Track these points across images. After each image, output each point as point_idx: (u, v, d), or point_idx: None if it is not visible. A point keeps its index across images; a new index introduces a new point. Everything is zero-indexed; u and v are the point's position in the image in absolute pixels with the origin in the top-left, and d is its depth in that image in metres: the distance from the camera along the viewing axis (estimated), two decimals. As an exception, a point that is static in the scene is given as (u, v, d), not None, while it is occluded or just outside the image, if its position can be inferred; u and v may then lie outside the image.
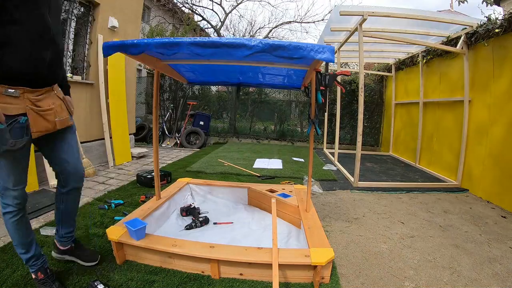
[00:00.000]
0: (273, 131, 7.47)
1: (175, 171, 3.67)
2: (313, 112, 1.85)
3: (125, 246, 1.55)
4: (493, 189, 2.91)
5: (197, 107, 7.01)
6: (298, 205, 2.06)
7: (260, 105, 7.63)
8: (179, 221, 2.13)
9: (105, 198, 2.51)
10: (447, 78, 3.95)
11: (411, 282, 1.49)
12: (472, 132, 3.35)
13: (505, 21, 2.83)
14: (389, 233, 2.09)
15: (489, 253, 1.82)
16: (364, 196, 3.00)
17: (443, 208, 2.67)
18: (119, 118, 4.02)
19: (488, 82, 3.11)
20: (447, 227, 2.23)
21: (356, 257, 1.74)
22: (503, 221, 2.38)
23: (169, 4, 10.24)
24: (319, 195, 2.95)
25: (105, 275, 1.40)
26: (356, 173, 3.33)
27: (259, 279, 1.42)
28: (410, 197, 3.00)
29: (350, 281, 1.49)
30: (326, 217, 2.36)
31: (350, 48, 4.66)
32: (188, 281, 1.40)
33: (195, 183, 2.61)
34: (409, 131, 5.03)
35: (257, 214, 2.29)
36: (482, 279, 1.54)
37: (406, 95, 5.27)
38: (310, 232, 1.67)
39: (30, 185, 2.51)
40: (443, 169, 3.92)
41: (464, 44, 3.40)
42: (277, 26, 10.88)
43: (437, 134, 4.14)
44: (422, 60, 4.47)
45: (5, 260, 1.48)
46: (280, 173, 3.77)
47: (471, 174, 3.31)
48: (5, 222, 1.21)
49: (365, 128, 6.53)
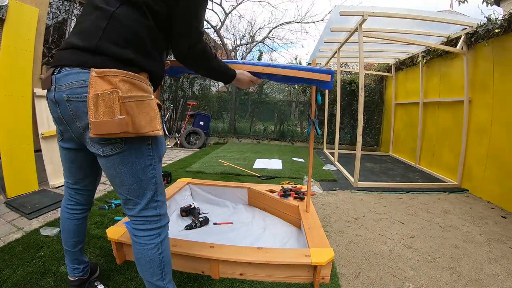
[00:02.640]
0: (273, 131, 7.47)
1: (175, 171, 3.67)
2: (313, 112, 1.85)
3: (125, 246, 1.55)
4: (493, 189, 2.91)
5: (197, 107, 7.01)
6: (298, 205, 2.06)
7: (260, 105, 7.63)
8: (179, 221, 2.13)
9: (105, 198, 2.51)
10: (447, 78, 3.96)
11: (411, 283, 1.49)
12: (472, 132, 3.35)
13: (505, 21, 2.83)
14: (389, 233, 2.09)
15: (489, 253, 1.82)
16: (364, 196, 3.00)
17: (443, 209, 2.67)
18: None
19: (488, 82, 3.11)
20: (447, 227, 2.23)
21: (356, 257, 1.74)
22: (503, 221, 2.38)
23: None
24: (319, 195, 2.95)
25: (105, 275, 1.40)
26: (356, 173, 3.33)
27: (259, 279, 1.42)
28: (410, 197, 3.00)
29: (350, 281, 1.49)
30: (326, 217, 2.36)
31: (350, 48, 4.66)
32: (188, 281, 1.40)
33: (195, 183, 2.61)
34: (409, 131, 5.03)
35: (257, 214, 2.29)
36: (482, 279, 1.54)
37: (406, 95, 5.27)
38: (310, 232, 1.67)
39: (30, 185, 2.51)
40: (443, 169, 3.92)
41: (464, 44, 3.40)
42: (277, 26, 10.88)
43: (437, 134, 4.14)
44: (422, 60, 4.47)
45: (5, 260, 1.48)
46: (280, 173, 3.77)
47: (471, 174, 3.31)
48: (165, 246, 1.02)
49: (365, 128, 6.54)
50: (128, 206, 0.97)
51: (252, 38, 11.23)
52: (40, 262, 1.46)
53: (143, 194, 0.94)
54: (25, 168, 2.48)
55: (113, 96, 0.78)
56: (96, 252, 1.61)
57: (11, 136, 2.37)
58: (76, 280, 1.24)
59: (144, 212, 0.96)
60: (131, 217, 0.98)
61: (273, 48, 17.48)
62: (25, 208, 2.11)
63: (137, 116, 0.82)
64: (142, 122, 0.83)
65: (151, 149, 0.93)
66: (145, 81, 0.89)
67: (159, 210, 0.99)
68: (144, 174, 0.92)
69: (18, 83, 2.45)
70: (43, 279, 1.33)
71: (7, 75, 2.35)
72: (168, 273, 1.04)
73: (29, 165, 2.51)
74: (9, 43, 2.35)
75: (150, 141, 0.93)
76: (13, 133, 2.39)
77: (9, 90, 2.36)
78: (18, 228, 1.87)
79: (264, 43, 11.05)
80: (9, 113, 2.36)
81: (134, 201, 0.95)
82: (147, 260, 0.98)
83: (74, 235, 1.18)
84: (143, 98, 0.85)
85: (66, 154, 1.06)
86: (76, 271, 1.23)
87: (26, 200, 2.26)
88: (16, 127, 2.43)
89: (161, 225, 1.00)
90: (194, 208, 2.22)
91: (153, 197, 0.96)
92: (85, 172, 1.11)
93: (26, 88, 2.52)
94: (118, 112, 0.79)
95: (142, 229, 0.97)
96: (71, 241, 1.18)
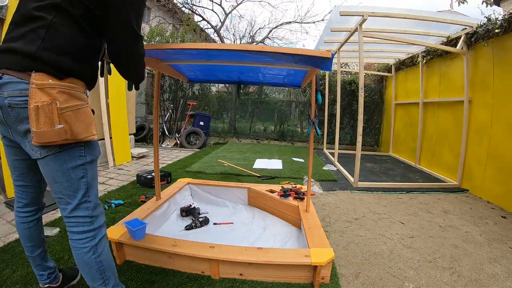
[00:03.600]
0: (273, 132, 7.47)
1: (175, 171, 3.67)
2: (313, 112, 1.85)
3: (125, 246, 1.55)
4: (493, 189, 2.91)
5: (197, 107, 7.01)
6: (298, 205, 2.06)
7: (260, 105, 7.64)
8: (179, 221, 2.13)
9: (105, 198, 2.51)
10: (447, 78, 3.96)
11: (411, 283, 1.49)
12: (472, 132, 3.35)
13: (505, 22, 2.83)
14: (389, 234, 2.09)
15: (489, 253, 1.82)
16: (364, 196, 3.00)
17: (443, 209, 2.67)
18: (119, 119, 4.02)
19: (488, 82, 3.11)
20: (447, 228, 2.23)
21: (356, 257, 1.74)
22: (503, 221, 2.38)
23: (169, 4, 10.25)
24: (319, 195, 2.95)
25: (105, 275, 1.40)
26: (356, 173, 3.33)
27: (259, 279, 1.42)
28: (410, 198, 3.00)
29: (350, 281, 1.49)
30: (326, 217, 2.36)
31: (350, 48, 4.67)
32: (188, 281, 1.40)
33: (195, 183, 2.61)
34: (409, 132, 5.03)
35: (257, 214, 2.29)
36: (482, 279, 1.54)
37: (406, 96, 5.27)
38: (310, 232, 1.67)
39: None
40: (443, 169, 3.92)
41: (464, 44, 3.40)
42: (277, 26, 10.89)
43: (437, 134, 4.14)
44: (422, 60, 4.47)
45: (5, 260, 1.48)
46: (280, 173, 3.77)
47: (471, 174, 3.31)
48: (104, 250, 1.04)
49: (365, 128, 6.54)
50: (61, 206, 0.99)
51: (252, 38, 11.24)
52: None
53: (74, 193, 0.97)
54: (25, 168, 2.47)
55: (52, 107, 0.85)
56: (96, 252, 1.61)
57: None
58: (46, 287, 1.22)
59: (75, 212, 0.98)
60: (65, 218, 1.00)
61: (273, 48, 17.40)
62: (25, 208, 2.11)
63: (75, 124, 0.90)
64: (79, 129, 0.92)
65: (83, 151, 0.98)
66: (80, 90, 0.95)
67: (91, 211, 1.00)
68: (75, 173, 0.96)
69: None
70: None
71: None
72: (111, 277, 1.05)
73: (29, 165, 2.51)
74: (9, 43, 2.35)
75: (84, 144, 0.98)
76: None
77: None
78: (18, 228, 1.87)
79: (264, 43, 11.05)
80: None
81: (66, 200, 0.97)
82: (84, 264, 0.99)
83: (28, 240, 1.16)
84: (79, 106, 0.93)
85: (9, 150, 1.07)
86: (41, 277, 1.21)
87: (26, 200, 2.26)
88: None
89: (95, 227, 1.01)
90: (194, 208, 2.22)
91: (84, 197, 0.98)
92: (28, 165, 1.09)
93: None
94: (57, 121, 0.86)
95: (75, 231, 0.99)
96: (27, 246, 1.16)
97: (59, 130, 0.87)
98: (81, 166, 0.97)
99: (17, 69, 0.86)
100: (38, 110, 0.84)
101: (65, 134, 0.88)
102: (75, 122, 0.91)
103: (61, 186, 0.96)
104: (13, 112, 0.89)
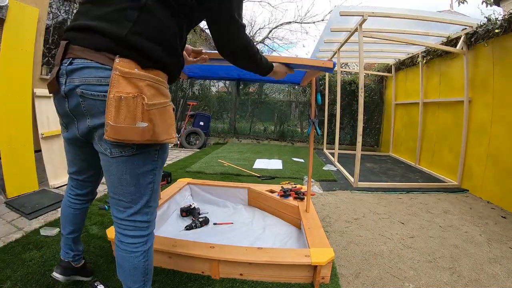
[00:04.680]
0: (273, 132, 7.47)
1: (175, 171, 3.66)
2: (313, 112, 1.85)
3: (125, 246, 1.55)
4: (493, 189, 2.91)
5: (197, 107, 7.01)
6: (298, 205, 2.06)
7: (260, 105, 7.64)
8: (179, 221, 2.13)
9: (105, 198, 2.51)
10: (447, 78, 3.96)
11: (411, 283, 1.49)
12: (472, 132, 3.35)
13: (505, 22, 2.83)
14: (389, 234, 2.09)
15: (489, 254, 1.82)
16: (364, 196, 3.00)
17: (443, 209, 2.67)
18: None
19: (488, 82, 3.11)
20: (447, 228, 2.23)
21: (356, 257, 1.73)
22: (503, 221, 2.38)
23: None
24: (319, 195, 2.95)
25: (105, 275, 1.40)
26: (356, 173, 3.33)
27: (259, 279, 1.42)
28: (410, 198, 3.00)
29: (350, 281, 1.49)
30: (326, 217, 2.36)
31: (350, 48, 4.66)
32: (188, 281, 1.40)
33: (195, 183, 2.61)
34: (409, 132, 5.03)
35: (257, 214, 2.29)
36: (482, 279, 1.54)
37: (406, 96, 5.28)
38: (310, 232, 1.67)
39: (30, 185, 2.51)
40: (443, 169, 3.92)
41: (464, 44, 3.41)
42: (277, 26, 10.87)
43: (437, 134, 4.14)
44: (422, 60, 4.47)
45: (5, 260, 1.48)
46: (280, 173, 3.77)
47: (471, 174, 3.31)
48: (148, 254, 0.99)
49: (365, 128, 6.54)
50: (119, 208, 0.91)
51: (252, 38, 11.22)
52: (40, 262, 1.46)
53: (138, 198, 0.89)
54: (25, 168, 2.47)
55: (137, 101, 0.73)
56: (96, 252, 1.61)
57: (11, 136, 2.37)
58: (65, 261, 1.22)
59: (135, 216, 0.91)
60: (119, 220, 0.92)
61: (273, 48, 17.45)
62: (25, 208, 2.11)
63: (158, 124, 0.79)
64: (161, 130, 0.80)
65: (157, 155, 0.90)
66: (166, 85, 0.85)
67: (150, 216, 0.95)
68: (144, 178, 0.89)
69: (18, 84, 2.45)
70: (43, 279, 1.33)
71: (7, 75, 2.35)
72: (150, 280, 1.01)
73: (29, 165, 2.51)
74: (9, 43, 2.35)
75: (159, 147, 0.89)
76: (13, 134, 2.39)
77: (9, 90, 2.36)
78: (18, 228, 1.86)
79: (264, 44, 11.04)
80: (9, 113, 2.36)
81: (126, 204, 0.90)
82: (132, 268, 0.93)
83: (70, 223, 1.16)
84: (165, 104, 0.82)
85: (70, 146, 1.02)
86: (66, 254, 1.22)
87: (26, 200, 2.26)
88: (16, 127, 2.43)
89: (149, 232, 0.96)
90: (194, 208, 2.22)
91: (148, 202, 0.92)
92: (89, 164, 1.06)
93: (26, 88, 2.52)
94: (139, 118, 0.74)
95: (130, 235, 0.92)
96: (66, 227, 1.17)
97: (143, 130, 0.75)
98: (151, 171, 0.89)
99: (97, 51, 0.74)
100: (120, 102, 0.71)
101: (148, 134, 0.76)
102: (159, 122, 0.79)
103: (125, 190, 0.87)
104: (84, 104, 0.78)
